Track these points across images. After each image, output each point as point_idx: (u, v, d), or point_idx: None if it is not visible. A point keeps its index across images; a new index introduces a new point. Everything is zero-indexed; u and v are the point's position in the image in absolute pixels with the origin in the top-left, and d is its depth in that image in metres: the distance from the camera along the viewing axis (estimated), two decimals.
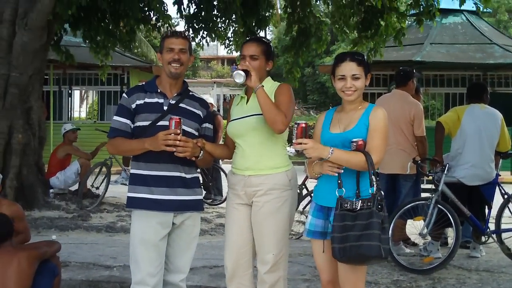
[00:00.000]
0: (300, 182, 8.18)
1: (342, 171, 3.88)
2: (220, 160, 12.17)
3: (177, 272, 4.35)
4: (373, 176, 3.83)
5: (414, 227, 6.80)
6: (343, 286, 4.02)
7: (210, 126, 4.46)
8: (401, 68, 8.07)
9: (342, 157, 3.86)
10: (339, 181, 3.90)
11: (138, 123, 4.22)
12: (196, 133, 4.29)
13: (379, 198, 3.78)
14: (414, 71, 7.84)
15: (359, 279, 3.99)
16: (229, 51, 13.55)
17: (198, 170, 4.54)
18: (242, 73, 4.17)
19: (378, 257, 3.73)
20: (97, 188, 11.17)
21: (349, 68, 3.99)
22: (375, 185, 3.81)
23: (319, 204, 4.10)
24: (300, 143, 3.81)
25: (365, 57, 4.12)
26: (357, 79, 3.98)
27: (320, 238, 4.06)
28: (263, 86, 4.21)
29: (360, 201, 3.81)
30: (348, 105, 4.08)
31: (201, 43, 12.44)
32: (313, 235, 4.11)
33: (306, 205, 8.72)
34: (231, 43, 12.87)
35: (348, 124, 4.02)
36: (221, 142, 9.40)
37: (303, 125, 3.87)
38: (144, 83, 4.42)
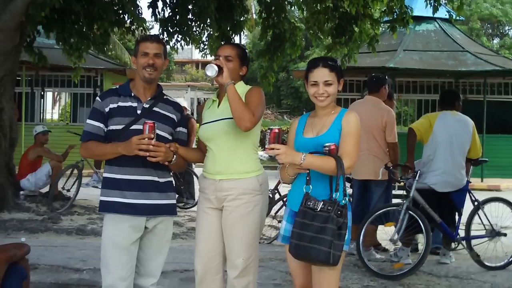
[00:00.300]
0: (272, 187, 8.21)
1: None
2: (193, 164, 12.15)
3: (148, 276, 4.32)
4: (340, 181, 3.83)
5: (385, 233, 6.84)
6: None
7: (184, 130, 4.44)
8: (373, 74, 8.11)
9: (315, 162, 3.86)
10: (308, 178, 3.91)
11: (112, 127, 4.19)
12: (170, 137, 4.27)
13: (340, 204, 3.78)
14: (386, 77, 7.89)
15: (332, 284, 3.99)
16: (203, 55, 13.52)
17: (170, 173, 4.53)
18: (215, 66, 4.16)
19: (325, 263, 3.74)
20: (68, 190, 11.08)
21: (321, 74, 3.99)
22: (342, 191, 3.82)
23: (293, 210, 4.10)
24: (273, 149, 3.80)
25: (338, 63, 4.12)
26: (330, 85, 3.98)
27: None
28: (233, 83, 4.21)
29: (322, 202, 3.81)
30: (321, 110, 4.09)
31: (175, 46, 12.40)
32: (288, 241, 4.10)
33: (279, 209, 8.73)
34: (205, 47, 12.84)
35: (321, 129, 4.02)
36: (194, 145, 9.37)
37: (276, 130, 3.85)
38: (117, 86, 4.40)
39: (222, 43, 4.56)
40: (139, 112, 4.18)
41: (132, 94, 4.24)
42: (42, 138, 11.37)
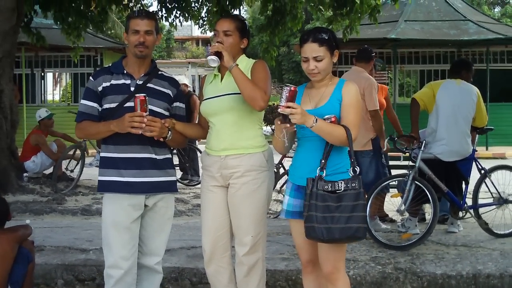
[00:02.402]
0: (277, 161, 8.16)
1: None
2: (197, 141, 12.11)
3: (151, 255, 4.29)
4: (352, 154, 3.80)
5: (392, 204, 6.80)
6: (323, 265, 3.98)
7: (181, 105, 4.37)
8: (365, 45, 8.06)
9: (325, 128, 3.78)
10: (323, 161, 3.84)
11: (106, 106, 4.15)
12: (166, 113, 4.21)
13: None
14: (375, 59, 7.87)
15: (339, 258, 3.96)
16: (203, 31, 13.44)
17: (175, 151, 4.48)
18: (215, 57, 4.08)
19: (362, 238, 3.78)
20: (72, 171, 11.07)
21: (310, 49, 3.88)
22: (355, 165, 3.79)
23: (296, 184, 4.05)
24: (290, 107, 3.68)
25: (330, 34, 3.94)
26: (320, 60, 3.88)
27: (299, 218, 3.99)
28: (237, 64, 4.12)
29: (343, 182, 3.76)
30: (317, 82, 4.02)
31: (174, 23, 12.30)
32: (292, 215, 4.06)
33: (284, 184, 8.68)
34: (205, 22, 12.77)
35: (320, 100, 3.95)
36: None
37: (294, 89, 3.72)
38: (110, 64, 4.34)
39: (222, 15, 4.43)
40: (132, 89, 4.12)
41: (125, 72, 4.18)
42: (48, 122, 11.35)
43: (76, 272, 5.55)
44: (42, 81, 20.74)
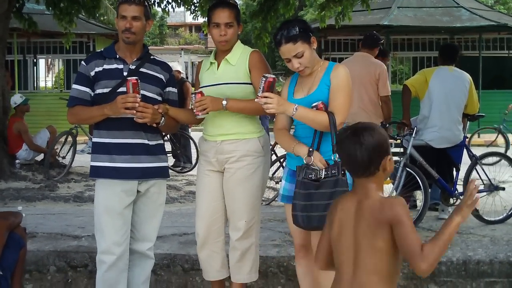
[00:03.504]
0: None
1: None
2: (189, 128, 12.11)
3: (144, 241, 4.31)
4: (335, 140, 3.78)
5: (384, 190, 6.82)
6: (314, 251, 4.01)
7: (173, 90, 4.37)
8: (374, 32, 8.05)
9: (307, 115, 3.79)
10: (311, 149, 3.84)
11: (98, 91, 4.14)
12: (159, 98, 4.21)
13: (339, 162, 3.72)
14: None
15: None
16: (194, 17, 13.37)
17: (167, 138, 4.49)
18: (204, 115, 4.16)
19: None
20: (64, 157, 11.05)
21: (287, 50, 3.86)
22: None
23: (292, 169, 4.07)
24: (266, 97, 3.72)
25: (299, 26, 3.88)
26: (301, 56, 3.86)
27: None
28: (226, 102, 4.15)
29: (323, 171, 3.75)
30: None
31: (166, 9, 12.26)
32: (287, 200, 4.08)
33: (276, 170, 8.71)
34: (196, 8, 12.69)
35: (311, 87, 3.95)
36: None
37: (271, 79, 3.76)
38: (102, 49, 4.33)
39: (215, 3, 4.40)
40: (125, 74, 4.12)
41: (117, 56, 4.18)
42: (24, 108, 11.12)
43: (68, 259, 5.54)
44: (35, 67, 20.67)
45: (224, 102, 4.13)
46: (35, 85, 20.70)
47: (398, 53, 20.74)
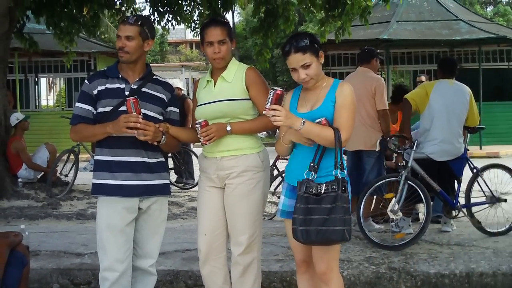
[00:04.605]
0: (271, 163, 8.18)
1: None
2: (192, 144, 12.13)
3: (146, 257, 4.32)
4: (339, 156, 3.79)
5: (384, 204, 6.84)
6: (316, 265, 4.01)
7: (175, 109, 4.40)
8: (365, 47, 8.13)
9: (313, 130, 3.80)
10: (312, 164, 3.86)
11: (100, 109, 4.18)
12: (160, 117, 4.25)
13: (343, 180, 3.75)
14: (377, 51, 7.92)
15: (332, 258, 3.98)
16: (195, 35, 13.44)
17: (170, 154, 4.52)
18: (210, 143, 4.23)
19: (343, 241, 3.76)
20: (66, 175, 11.06)
21: (296, 60, 3.88)
22: (339, 167, 3.79)
23: (292, 185, 4.08)
24: (274, 109, 3.72)
25: (310, 38, 3.91)
26: (308, 66, 3.88)
27: None
28: (230, 128, 4.25)
29: (324, 184, 3.77)
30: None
31: (167, 26, 12.32)
32: (287, 216, 4.08)
33: (277, 186, 8.72)
34: (197, 26, 12.76)
35: (315, 103, 3.96)
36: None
37: (279, 92, 3.76)
38: (105, 68, 4.37)
39: (206, 21, 4.45)
40: (127, 93, 4.15)
41: (120, 76, 4.22)
42: (24, 125, 11.04)
43: (71, 276, 5.57)
44: (36, 86, 20.75)
45: (228, 128, 4.22)
46: (37, 104, 20.77)
47: (398, 66, 20.79)
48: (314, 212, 3.72)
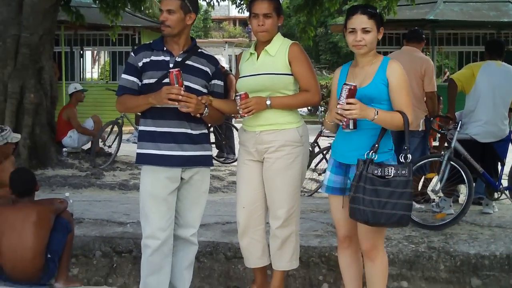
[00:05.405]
0: (312, 140, 8.18)
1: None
2: (234, 118, 12.17)
3: (187, 227, 4.39)
4: (407, 140, 3.87)
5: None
6: (362, 242, 4.05)
7: (219, 82, 4.45)
8: (415, 27, 8.00)
9: (386, 118, 3.85)
10: (376, 145, 3.89)
11: (145, 81, 4.25)
12: (204, 90, 4.29)
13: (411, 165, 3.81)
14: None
15: (378, 236, 4.01)
16: (240, 11, 13.42)
17: (211, 129, 4.57)
18: (249, 116, 4.29)
19: (406, 225, 3.91)
20: (109, 146, 11.20)
21: (359, 21, 3.92)
22: (407, 151, 3.84)
23: (338, 161, 4.08)
24: (350, 103, 3.73)
25: (377, 11, 4.03)
26: (368, 32, 3.91)
27: (340, 194, 4.08)
28: (270, 102, 4.30)
29: (393, 168, 3.80)
30: (361, 59, 4.03)
31: (211, 2, 12.33)
32: (332, 191, 4.11)
33: (319, 162, 8.73)
34: (242, 2, 12.74)
35: (364, 79, 3.97)
36: None
37: (353, 88, 3.76)
38: (151, 41, 4.42)
39: None
40: (171, 66, 4.20)
41: (165, 49, 4.27)
42: (80, 96, 11.41)
43: (113, 244, 5.66)
44: (81, 59, 20.94)
45: (268, 102, 4.25)
46: (82, 76, 20.99)
47: (444, 47, 20.49)
48: (382, 194, 3.76)
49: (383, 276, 4.11)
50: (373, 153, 3.87)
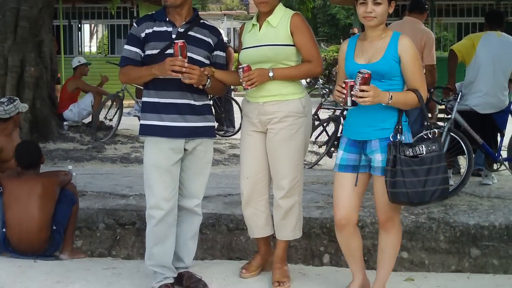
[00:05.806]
0: (312, 112, 8.20)
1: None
2: (233, 91, 12.17)
3: (191, 197, 4.42)
4: (426, 117, 3.93)
5: None
6: (379, 214, 4.07)
7: (221, 53, 4.46)
8: None
9: (400, 100, 3.86)
10: (400, 127, 3.90)
11: (148, 52, 4.26)
12: (207, 61, 4.31)
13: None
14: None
15: (395, 209, 4.02)
16: None
17: (211, 102, 4.59)
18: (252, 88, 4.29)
19: (447, 198, 3.84)
20: (110, 120, 11.22)
21: None
22: (428, 127, 3.91)
23: (351, 139, 4.07)
24: (364, 90, 3.70)
25: None
26: (379, 4, 3.85)
27: (353, 172, 4.04)
28: (273, 74, 4.30)
29: (423, 146, 3.82)
30: (371, 32, 3.97)
31: None
32: (345, 169, 4.06)
33: (319, 135, 8.75)
34: None
35: (373, 55, 3.93)
36: None
37: (367, 75, 3.70)
38: (154, 12, 4.43)
39: None
40: (174, 36, 4.21)
41: (167, 19, 4.27)
42: (84, 70, 11.46)
43: (116, 217, 5.71)
44: (79, 32, 20.87)
45: (271, 74, 4.27)
46: (80, 50, 20.93)
47: (443, 19, 20.39)
48: (420, 173, 3.78)
49: (396, 248, 4.15)
50: (399, 135, 3.88)
